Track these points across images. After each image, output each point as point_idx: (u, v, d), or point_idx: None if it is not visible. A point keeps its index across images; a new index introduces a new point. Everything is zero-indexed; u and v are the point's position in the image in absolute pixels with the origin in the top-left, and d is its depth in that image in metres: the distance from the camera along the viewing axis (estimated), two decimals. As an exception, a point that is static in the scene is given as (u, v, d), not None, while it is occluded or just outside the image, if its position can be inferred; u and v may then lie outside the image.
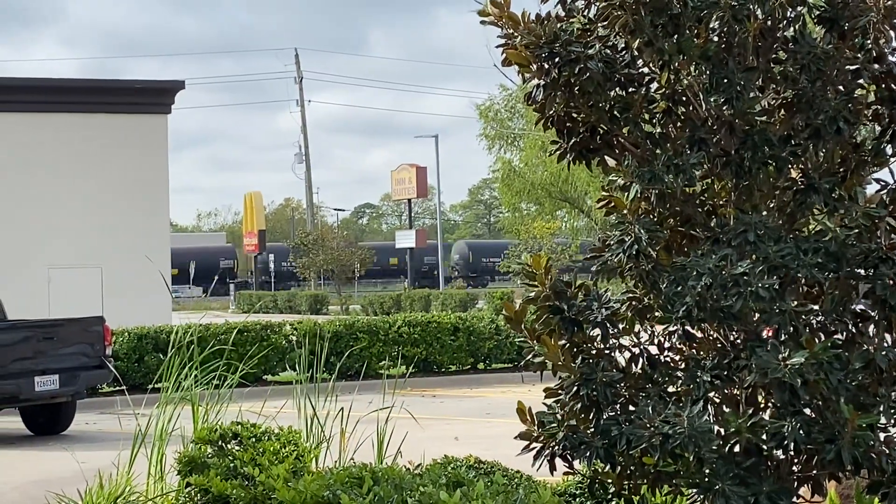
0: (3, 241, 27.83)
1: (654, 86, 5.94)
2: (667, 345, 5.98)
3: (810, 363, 5.30)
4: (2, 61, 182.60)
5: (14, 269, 27.03)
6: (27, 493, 11.33)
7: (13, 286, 23.03)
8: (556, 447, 5.83)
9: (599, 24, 5.82)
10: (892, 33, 5.80)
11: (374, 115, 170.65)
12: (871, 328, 5.79)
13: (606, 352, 5.87)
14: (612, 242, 5.75)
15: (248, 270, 78.99)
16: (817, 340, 5.51)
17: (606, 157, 6.08)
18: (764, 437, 5.45)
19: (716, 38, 5.73)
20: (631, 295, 5.97)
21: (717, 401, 5.83)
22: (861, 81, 5.87)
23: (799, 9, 5.83)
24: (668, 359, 5.96)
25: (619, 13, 5.69)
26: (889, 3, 5.71)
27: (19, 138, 28.46)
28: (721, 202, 5.96)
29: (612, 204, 5.99)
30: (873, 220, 5.70)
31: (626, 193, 5.80)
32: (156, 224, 29.67)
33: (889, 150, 5.97)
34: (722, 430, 5.49)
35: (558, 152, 6.09)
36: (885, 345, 5.72)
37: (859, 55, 5.81)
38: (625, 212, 5.84)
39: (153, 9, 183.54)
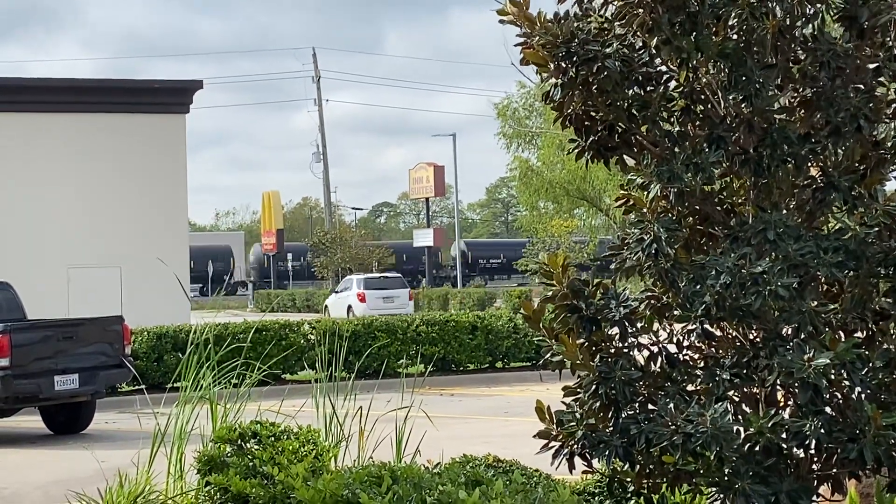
0: (22, 241, 27.91)
1: (673, 84, 5.93)
2: (685, 343, 5.96)
3: (834, 363, 5.29)
4: (22, 62, 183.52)
5: (34, 268, 27.09)
6: (48, 492, 11.38)
7: (33, 286, 23.06)
8: (575, 446, 5.82)
9: (617, 23, 5.81)
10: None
11: (391, 113, 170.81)
12: (892, 326, 5.76)
13: (625, 350, 5.86)
14: (630, 241, 5.74)
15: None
16: (838, 339, 5.49)
17: (625, 156, 6.07)
18: (784, 436, 5.44)
19: (734, 36, 5.71)
20: (650, 293, 5.95)
21: (737, 399, 5.81)
22: (881, 79, 5.85)
23: (818, 6, 5.81)
24: (687, 357, 5.95)
25: (637, 11, 5.68)
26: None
27: (38, 138, 28.56)
28: (740, 200, 5.94)
29: (631, 202, 5.98)
30: (893, 218, 5.68)
31: (645, 192, 5.79)
32: (174, 223, 29.71)
33: (909, 147, 5.94)
34: (742, 430, 5.48)
35: (576, 151, 6.08)
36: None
37: (880, 53, 5.79)
38: (644, 210, 5.83)
39: (171, 10, 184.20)
